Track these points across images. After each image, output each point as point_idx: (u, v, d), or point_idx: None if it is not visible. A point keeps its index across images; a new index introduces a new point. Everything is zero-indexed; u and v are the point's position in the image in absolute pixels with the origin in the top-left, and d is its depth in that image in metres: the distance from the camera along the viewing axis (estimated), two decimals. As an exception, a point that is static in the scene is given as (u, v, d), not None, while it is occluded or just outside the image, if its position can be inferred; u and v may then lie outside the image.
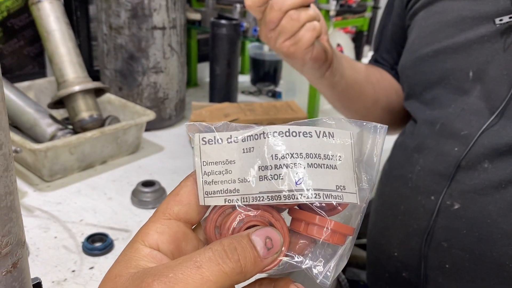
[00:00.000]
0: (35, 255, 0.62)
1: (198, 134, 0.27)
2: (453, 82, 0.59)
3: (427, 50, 0.62)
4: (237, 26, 1.05)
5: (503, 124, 0.54)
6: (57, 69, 0.87)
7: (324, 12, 1.02)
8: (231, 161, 0.26)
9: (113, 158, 0.87)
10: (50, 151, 0.75)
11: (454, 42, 0.59)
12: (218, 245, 0.24)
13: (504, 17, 0.53)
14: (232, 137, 0.27)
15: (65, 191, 0.77)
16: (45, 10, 0.86)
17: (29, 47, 1.06)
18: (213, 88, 1.12)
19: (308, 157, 0.26)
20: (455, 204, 0.58)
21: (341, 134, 0.27)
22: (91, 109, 0.87)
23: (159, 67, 0.97)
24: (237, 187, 0.26)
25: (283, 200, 0.25)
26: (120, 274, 0.24)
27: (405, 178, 0.65)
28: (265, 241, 0.24)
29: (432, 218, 0.59)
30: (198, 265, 0.23)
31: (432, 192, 0.60)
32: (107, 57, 0.97)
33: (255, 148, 0.26)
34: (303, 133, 0.26)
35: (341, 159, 0.26)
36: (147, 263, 0.25)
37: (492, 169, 0.55)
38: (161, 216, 0.27)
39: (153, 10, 0.93)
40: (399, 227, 0.65)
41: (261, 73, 1.37)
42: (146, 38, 0.94)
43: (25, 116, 0.85)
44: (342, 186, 0.26)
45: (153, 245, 0.26)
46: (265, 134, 0.26)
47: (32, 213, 0.70)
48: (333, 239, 0.26)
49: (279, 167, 0.25)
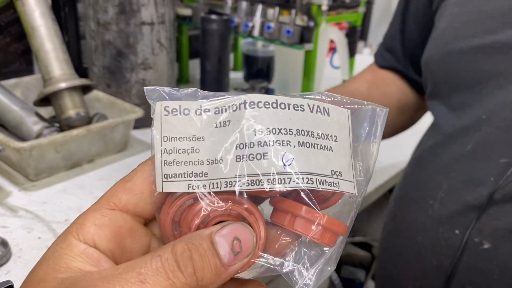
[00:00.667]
0: (17, 256, 0.60)
1: (160, 103, 0.22)
2: (493, 89, 0.49)
3: (462, 46, 0.52)
4: (228, 22, 1.03)
5: None
6: (43, 65, 0.85)
7: (316, 7, 1.00)
8: (199, 137, 0.21)
9: (101, 157, 0.85)
10: (35, 149, 0.73)
11: (498, 40, 0.48)
12: (169, 253, 0.19)
13: None
14: (203, 108, 0.22)
15: (50, 190, 0.75)
16: (29, 6, 0.84)
17: (16, 43, 1.04)
18: (204, 85, 1.10)
19: (299, 134, 0.21)
20: (485, 242, 0.49)
21: (337, 111, 0.22)
22: (77, 107, 0.85)
23: (148, 64, 0.95)
24: (205, 170, 0.21)
25: (267, 186, 0.20)
26: (45, 279, 0.20)
27: (425, 204, 0.55)
28: (231, 243, 0.20)
29: (456, 255, 0.51)
30: (142, 279, 0.18)
31: (457, 225, 0.51)
32: (95, 54, 0.96)
33: (232, 122, 0.21)
34: (294, 105, 0.21)
35: (337, 140, 0.22)
36: (80, 264, 0.20)
37: None
38: (103, 205, 0.22)
39: (141, 5, 0.91)
40: (415, 261, 0.57)
41: (254, 70, 1.35)
42: (134, 34, 0.92)
43: (11, 114, 0.83)
44: (338, 172, 0.21)
45: (89, 240, 0.21)
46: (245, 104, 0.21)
47: (16, 213, 0.69)
48: (323, 238, 0.21)
49: (263, 145, 0.20)
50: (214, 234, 0.20)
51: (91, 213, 0.22)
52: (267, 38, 1.06)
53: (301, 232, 0.21)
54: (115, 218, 0.22)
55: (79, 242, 0.21)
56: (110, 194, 0.22)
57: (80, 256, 0.21)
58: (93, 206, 0.22)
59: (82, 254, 0.21)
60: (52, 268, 0.20)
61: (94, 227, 0.21)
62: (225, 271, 0.19)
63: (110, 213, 0.22)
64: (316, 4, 1.00)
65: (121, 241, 0.22)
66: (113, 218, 0.22)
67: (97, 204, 0.22)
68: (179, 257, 0.19)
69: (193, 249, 0.19)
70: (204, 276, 0.19)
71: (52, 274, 0.20)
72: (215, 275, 0.19)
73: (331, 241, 0.22)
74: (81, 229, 0.21)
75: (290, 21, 1.01)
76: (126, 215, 0.22)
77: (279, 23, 1.02)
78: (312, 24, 1.00)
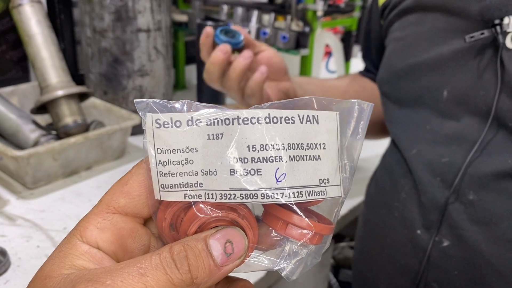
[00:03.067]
0: (16, 265, 0.60)
1: (150, 115, 0.22)
2: (428, 102, 0.55)
3: (402, 65, 0.58)
4: (224, 28, 1.03)
5: (488, 151, 0.49)
6: (40, 73, 0.85)
7: (312, 13, 1.01)
8: (193, 148, 0.22)
9: (98, 164, 0.85)
10: (33, 157, 0.73)
11: (429, 58, 0.54)
12: (167, 252, 0.21)
13: (475, 33, 0.48)
14: (194, 120, 0.22)
15: (48, 198, 0.75)
16: (26, 14, 0.84)
17: (12, 51, 1.04)
18: (201, 91, 1.10)
19: (290, 148, 0.22)
20: (444, 241, 0.52)
21: (326, 116, 0.23)
22: (75, 114, 0.85)
23: (145, 70, 0.96)
24: (200, 180, 0.22)
25: (260, 200, 0.21)
26: (50, 275, 0.21)
27: (391, 207, 0.59)
28: (224, 246, 0.21)
29: (421, 255, 0.54)
30: (142, 273, 0.20)
31: (418, 226, 0.54)
32: (92, 61, 0.96)
33: (226, 135, 0.22)
34: (285, 118, 0.22)
35: (325, 147, 0.23)
36: (84, 262, 0.22)
37: (479, 202, 0.49)
38: (104, 209, 0.23)
39: (138, 12, 0.91)
40: (386, 262, 0.60)
41: (250, 75, 1.36)
42: (130, 41, 0.93)
43: (7, 122, 0.83)
44: (326, 180, 0.23)
45: (92, 243, 0.22)
46: (239, 120, 0.21)
47: (14, 222, 0.69)
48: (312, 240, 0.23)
49: (257, 161, 0.21)
50: (208, 237, 0.21)
51: (92, 217, 0.23)
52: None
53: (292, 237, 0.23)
54: (116, 221, 0.23)
55: (83, 243, 0.22)
56: (109, 198, 0.23)
57: (84, 256, 0.22)
58: (94, 210, 0.23)
59: (86, 254, 0.22)
60: (57, 266, 0.21)
61: (97, 231, 0.22)
62: (218, 270, 0.21)
63: (110, 216, 0.23)
64: (312, 10, 1.01)
65: (123, 242, 0.23)
66: (114, 221, 0.23)
67: (98, 208, 0.23)
68: (175, 256, 0.20)
69: (189, 249, 0.21)
70: (199, 274, 0.21)
71: (57, 271, 0.21)
72: (209, 273, 0.21)
73: (318, 242, 0.24)
74: (85, 232, 0.22)
75: (286, 27, 1.01)
76: (126, 218, 0.23)
77: (274, 29, 1.03)
78: (308, 29, 1.01)
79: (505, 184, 0.48)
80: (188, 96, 1.31)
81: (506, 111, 0.48)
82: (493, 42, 0.49)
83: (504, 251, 0.48)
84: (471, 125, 0.51)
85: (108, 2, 0.90)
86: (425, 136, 0.55)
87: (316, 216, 0.24)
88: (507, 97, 0.48)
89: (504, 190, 0.48)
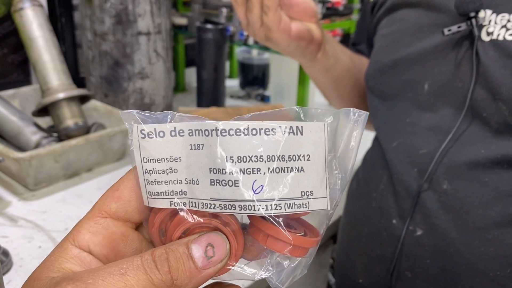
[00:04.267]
0: (18, 265, 0.61)
1: (136, 126, 0.23)
2: (410, 95, 0.56)
3: (387, 60, 0.59)
4: (223, 31, 1.04)
5: (462, 141, 0.51)
6: (41, 76, 0.86)
7: (310, 15, 1.02)
8: (176, 158, 0.23)
9: (99, 166, 0.86)
10: (34, 159, 0.74)
11: (411, 52, 0.56)
12: (149, 254, 0.21)
13: (452, 27, 0.50)
14: (177, 130, 0.22)
15: (50, 200, 0.76)
16: (27, 17, 0.85)
17: (13, 54, 1.05)
18: (201, 93, 1.11)
19: (269, 160, 0.22)
20: (418, 230, 0.53)
21: (312, 127, 0.23)
22: (76, 116, 0.86)
23: (145, 73, 0.97)
24: (184, 188, 0.23)
25: (238, 211, 0.22)
26: (39, 278, 0.22)
27: (370, 197, 0.60)
28: (205, 249, 0.22)
29: (395, 244, 0.55)
30: (123, 272, 0.20)
31: (394, 216, 0.56)
32: (92, 64, 0.97)
33: (205, 146, 0.22)
34: (265, 130, 0.22)
35: (310, 159, 0.23)
36: (72, 266, 0.22)
37: (452, 190, 0.51)
38: (96, 214, 0.24)
39: (138, 15, 0.92)
40: (363, 252, 0.61)
41: (249, 77, 1.37)
42: (131, 44, 0.93)
43: (9, 124, 0.83)
44: (309, 192, 0.22)
45: (84, 246, 0.23)
46: (217, 131, 0.22)
47: (16, 223, 0.69)
48: (294, 253, 0.23)
49: (234, 172, 0.22)
50: (190, 242, 0.22)
51: (85, 221, 0.24)
52: (262, 46, 1.07)
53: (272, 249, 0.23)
54: (108, 225, 0.24)
55: (74, 247, 0.23)
56: (101, 203, 0.24)
57: (73, 259, 0.22)
58: (88, 214, 0.24)
59: (75, 257, 0.23)
60: (46, 269, 0.22)
61: (89, 234, 0.23)
62: (199, 273, 0.21)
63: (102, 221, 0.24)
64: (310, 13, 1.02)
65: (114, 246, 0.24)
66: (106, 225, 0.24)
67: (91, 213, 0.24)
68: (156, 258, 0.21)
69: (170, 252, 0.21)
70: (179, 275, 0.21)
71: (45, 274, 0.22)
72: (189, 275, 0.21)
73: (301, 254, 0.23)
74: (77, 236, 0.23)
75: (285, 30, 1.02)
76: (118, 222, 0.24)
77: (273, 32, 1.03)
78: (306, 32, 1.01)
79: (477, 173, 0.49)
80: (188, 99, 1.32)
81: (481, 101, 0.49)
82: (469, 35, 0.51)
83: (473, 239, 0.49)
84: (448, 116, 0.53)
85: (108, 6, 0.91)
86: (405, 128, 0.57)
87: (305, 227, 0.24)
88: (482, 88, 0.49)
89: (476, 179, 0.50)
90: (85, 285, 0.20)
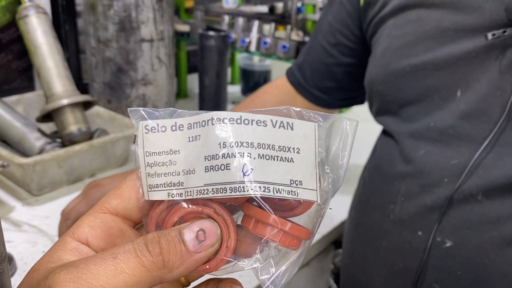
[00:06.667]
0: (22, 270, 0.61)
1: (141, 122, 0.24)
2: (437, 101, 0.54)
3: (403, 65, 0.56)
4: (225, 38, 1.05)
5: (499, 152, 0.49)
6: (45, 82, 0.87)
7: (311, 22, 1.03)
8: (175, 151, 0.24)
9: (102, 171, 0.86)
10: (38, 165, 0.75)
11: (436, 57, 0.53)
12: (141, 239, 0.22)
13: (496, 31, 0.48)
14: (177, 124, 0.24)
15: (53, 205, 0.76)
16: (32, 24, 0.86)
17: (17, 61, 1.06)
18: (203, 99, 1.12)
19: (259, 147, 0.23)
20: (447, 241, 0.52)
21: (302, 125, 0.24)
22: (79, 122, 0.87)
23: (148, 79, 0.98)
24: (182, 179, 0.24)
25: (229, 193, 0.22)
26: (38, 268, 0.22)
27: (386, 210, 0.58)
28: (196, 233, 0.22)
29: (421, 256, 0.54)
30: (114, 256, 0.21)
31: (419, 227, 0.54)
32: (96, 70, 0.98)
33: (202, 136, 0.24)
34: (257, 121, 0.24)
35: (300, 152, 0.24)
36: (70, 257, 0.23)
37: (488, 202, 0.49)
38: (97, 209, 0.25)
39: (141, 22, 0.93)
40: (382, 265, 0.59)
41: (251, 83, 1.38)
42: (134, 50, 0.94)
43: (13, 130, 0.84)
44: (298, 181, 0.24)
45: (82, 239, 0.24)
46: (213, 121, 0.23)
47: (20, 228, 0.70)
48: (284, 241, 0.24)
49: (226, 156, 0.23)
50: (182, 228, 0.22)
51: (86, 216, 0.25)
52: (263, 53, 1.08)
53: (263, 236, 0.24)
54: (107, 220, 0.24)
55: (73, 240, 0.24)
56: (103, 200, 0.25)
57: (71, 251, 0.23)
58: (90, 210, 0.25)
59: (74, 250, 0.23)
60: (46, 260, 0.23)
61: (88, 228, 0.24)
62: (190, 256, 0.22)
63: (102, 216, 0.24)
64: (311, 20, 1.03)
65: (112, 240, 0.24)
66: (105, 220, 0.24)
67: (93, 209, 0.25)
68: (148, 242, 0.22)
69: (161, 236, 0.22)
70: (170, 258, 0.21)
71: (44, 265, 0.23)
72: (180, 258, 0.22)
73: (294, 245, 0.24)
74: (77, 229, 0.24)
75: (286, 36, 1.03)
76: (116, 218, 0.25)
77: (275, 38, 1.05)
78: (307, 39, 1.02)
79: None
80: (190, 104, 1.32)
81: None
82: None
83: (510, 250, 0.48)
84: (481, 124, 0.50)
85: (112, 13, 0.92)
86: (431, 135, 0.54)
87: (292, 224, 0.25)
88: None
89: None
90: (76, 269, 0.20)
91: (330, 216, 0.80)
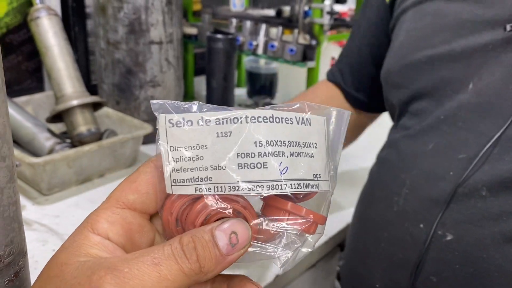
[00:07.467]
0: (33, 268, 0.61)
1: (164, 115, 0.24)
2: (450, 93, 0.54)
3: (419, 56, 0.56)
4: (233, 40, 1.06)
5: (505, 146, 0.48)
6: (56, 83, 0.88)
7: (318, 26, 1.04)
8: (203, 145, 0.24)
9: (111, 171, 0.87)
10: (49, 165, 0.76)
11: (452, 49, 0.53)
12: (177, 243, 0.22)
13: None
14: (204, 119, 0.24)
15: (63, 204, 0.77)
16: (43, 26, 0.88)
17: (27, 62, 1.07)
18: (210, 101, 1.13)
19: (290, 145, 0.24)
20: (448, 234, 0.52)
21: (316, 120, 0.26)
22: (89, 123, 0.88)
23: (156, 81, 0.98)
24: (210, 175, 0.23)
25: (266, 190, 0.23)
26: (67, 262, 0.22)
27: (390, 201, 0.58)
28: (229, 236, 0.23)
29: (421, 249, 0.54)
30: (156, 262, 0.21)
31: (421, 220, 0.54)
32: (105, 72, 0.99)
33: (234, 133, 0.24)
34: (285, 119, 0.24)
35: (317, 146, 0.25)
36: (98, 251, 0.23)
37: (491, 198, 0.49)
38: (113, 204, 0.24)
39: (150, 25, 0.94)
40: (382, 256, 0.59)
41: (257, 86, 1.38)
42: (143, 52, 0.95)
43: (24, 130, 0.85)
44: (318, 175, 0.25)
45: (103, 235, 0.24)
46: (247, 119, 0.24)
47: (31, 227, 0.71)
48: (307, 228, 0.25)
49: (263, 155, 0.23)
50: (214, 229, 0.23)
51: (103, 211, 0.24)
52: (270, 56, 1.09)
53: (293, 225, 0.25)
54: (125, 216, 0.24)
55: (95, 235, 0.23)
56: (119, 194, 0.24)
57: (97, 245, 0.23)
58: (104, 204, 0.24)
59: (99, 244, 0.23)
60: (73, 254, 0.23)
61: (107, 224, 0.24)
62: (224, 260, 0.22)
63: (120, 211, 0.24)
64: (318, 24, 1.04)
65: (131, 236, 0.24)
66: (124, 216, 0.24)
67: (108, 203, 0.24)
68: (185, 247, 0.22)
69: (196, 241, 0.22)
70: (206, 263, 0.22)
71: (74, 259, 0.22)
72: (215, 263, 0.22)
73: (313, 230, 0.26)
74: (96, 224, 0.24)
75: (293, 40, 1.04)
76: (135, 213, 0.24)
77: (282, 42, 1.05)
78: (314, 42, 1.03)
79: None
80: (196, 107, 1.33)
81: None
82: None
83: (510, 246, 0.48)
84: (491, 119, 0.50)
85: (122, 15, 0.93)
86: (441, 127, 0.54)
87: None
88: None
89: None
90: (122, 274, 0.21)
91: (336, 219, 0.81)
